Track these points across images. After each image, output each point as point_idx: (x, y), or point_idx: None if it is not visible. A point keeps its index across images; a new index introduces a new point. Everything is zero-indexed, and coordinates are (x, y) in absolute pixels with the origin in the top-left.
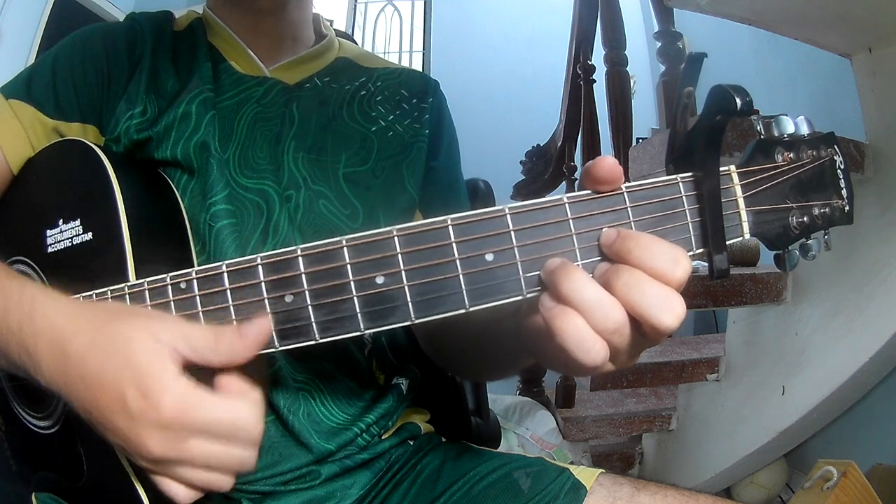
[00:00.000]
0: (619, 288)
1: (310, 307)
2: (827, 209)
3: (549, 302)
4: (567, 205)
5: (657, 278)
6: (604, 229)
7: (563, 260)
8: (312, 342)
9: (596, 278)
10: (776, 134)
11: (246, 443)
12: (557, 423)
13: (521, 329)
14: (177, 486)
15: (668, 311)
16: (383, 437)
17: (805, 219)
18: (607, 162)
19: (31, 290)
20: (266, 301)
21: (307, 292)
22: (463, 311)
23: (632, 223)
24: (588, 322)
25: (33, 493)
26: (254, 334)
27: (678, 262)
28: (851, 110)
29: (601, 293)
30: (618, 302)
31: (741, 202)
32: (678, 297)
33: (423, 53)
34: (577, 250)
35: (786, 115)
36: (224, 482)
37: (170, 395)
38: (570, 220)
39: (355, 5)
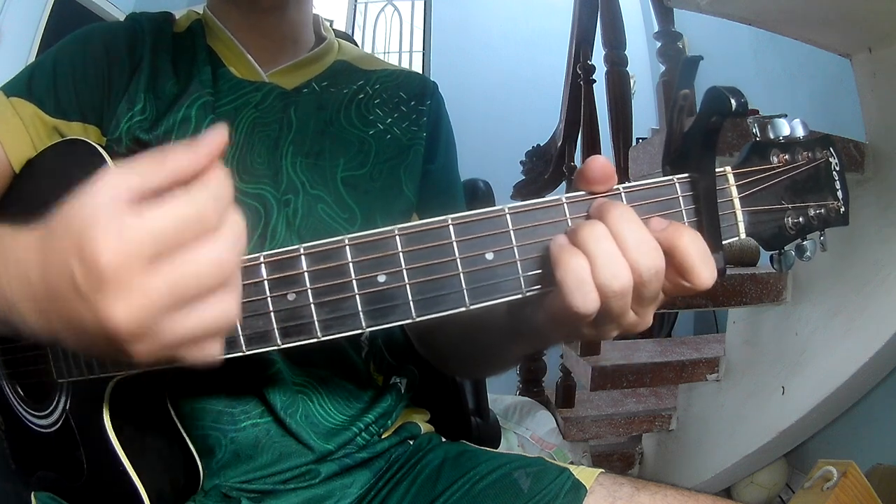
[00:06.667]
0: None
1: (312, 305)
2: (822, 210)
3: (562, 239)
4: (566, 205)
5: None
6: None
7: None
8: (315, 340)
9: None
10: (771, 136)
11: (215, 232)
12: (557, 423)
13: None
14: (195, 351)
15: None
16: (383, 437)
17: (800, 219)
18: (598, 162)
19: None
20: (269, 299)
21: (309, 291)
22: (463, 309)
23: None
24: (592, 269)
25: (33, 493)
26: (209, 137)
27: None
28: (851, 110)
29: (616, 251)
30: (628, 266)
31: (737, 202)
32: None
33: (423, 53)
34: None
35: (781, 117)
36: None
37: (102, 242)
38: (569, 220)
39: (355, 5)
